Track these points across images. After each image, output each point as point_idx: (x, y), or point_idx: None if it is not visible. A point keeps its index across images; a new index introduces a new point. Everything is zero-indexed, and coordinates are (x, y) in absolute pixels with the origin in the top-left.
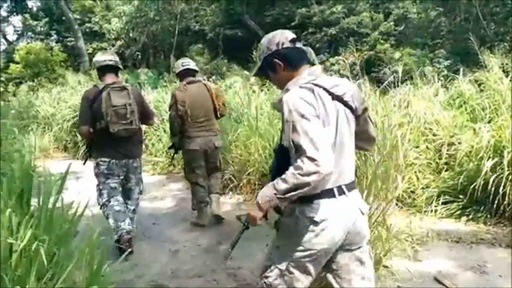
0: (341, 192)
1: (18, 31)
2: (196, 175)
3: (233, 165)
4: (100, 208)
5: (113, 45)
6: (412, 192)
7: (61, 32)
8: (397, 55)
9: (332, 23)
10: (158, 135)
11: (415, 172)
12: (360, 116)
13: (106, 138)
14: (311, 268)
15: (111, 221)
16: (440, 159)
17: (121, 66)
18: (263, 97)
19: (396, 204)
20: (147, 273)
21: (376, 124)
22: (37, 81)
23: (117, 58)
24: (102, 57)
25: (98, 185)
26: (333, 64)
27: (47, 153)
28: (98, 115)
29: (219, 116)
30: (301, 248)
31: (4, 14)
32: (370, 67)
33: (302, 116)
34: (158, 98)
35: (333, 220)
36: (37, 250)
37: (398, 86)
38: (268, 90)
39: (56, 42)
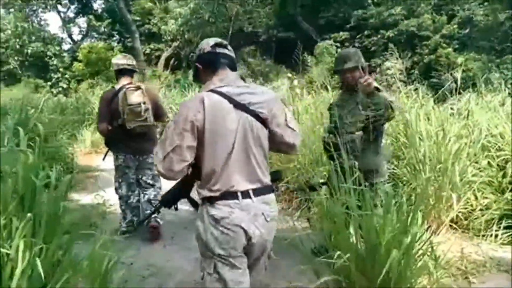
0: (246, 196)
1: (83, 31)
2: None
3: None
4: (119, 199)
5: (170, 46)
6: (469, 213)
7: (122, 33)
8: (460, 60)
9: (390, 25)
10: None
11: (474, 191)
12: (272, 124)
13: (122, 134)
14: (233, 262)
15: (127, 215)
16: (503, 177)
17: (136, 69)
18: (309, 99)
19: (450, 226)
20: (168, 282)
21: (304, 132)
22: (96, 79)
23: (133, 62)
24: (120, 61)
25: (117, 177)
26: (388, 68)
27: (98, 148)
28: (116, 114)
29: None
30: (211, 246)
31: (71, 15)
32: (429, 72)
33: (174, 122)
34: None
35: (234, 220)
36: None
37: (458, 93)
38: (315, 92)
39: (118, 43)
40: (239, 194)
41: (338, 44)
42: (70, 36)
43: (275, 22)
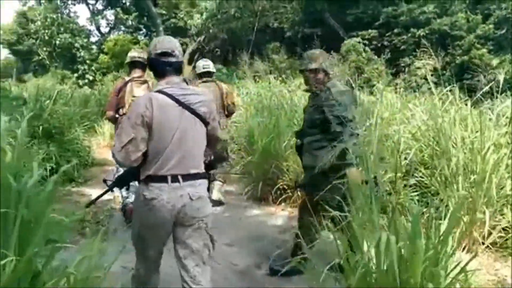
0: (175, 180)
1: (110, 24)
2: None
3: (288, 174)
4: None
5: (194, 41)
6: (505, 230)
7: (149, 27)
8: (495, 61)
9: (421, 23)
10: None
11: None
12: (210, 119)
13: None
14: (153, 238)
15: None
16: None
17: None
18: None
19: (482, 243)
20: None
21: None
22: (120, 72)
23: (145, 56)
24: (132, 54)
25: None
26: (419, 68)
27: None
28: (121, 103)
29: (227, 113)
30: (140, 222)
31: (100, 7)
32: (461, 74)
33: (128, 118)
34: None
35: (162, 200)
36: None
37: (496, 97)
38: None
39: (144, 36)
40: (169, 177)
41: (366, 42)
42: (98, 28)
43: (301, 18)
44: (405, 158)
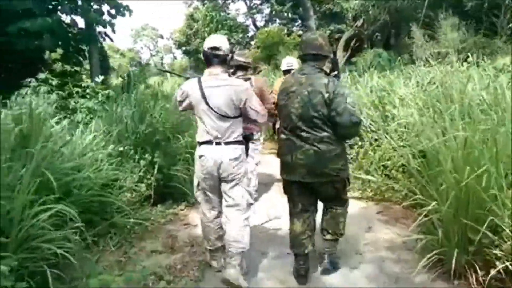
0: (218, 143)
1: (265, 17)
2: None
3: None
4: None
5: (351, 26)
6: None
7: (303, 17)
8: None
9: None
10: None
11: None
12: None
13: None
14: (205, 184)
15: None
16: None
17: (250, 66)
18: None
19: None
20: None
21: None
22: (271, 65)
23: (248, 60)
24: (237, 57)
25: None
26: None
27: None
28: None
29: None
30: (196, 172)
31: (257, 2)
32: None
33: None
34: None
35: (208, 157)
36: None
37: None
38: None
39: (301, 27)
40: (213, 141)
41: None
42: (254, 23)
43: None
44: None
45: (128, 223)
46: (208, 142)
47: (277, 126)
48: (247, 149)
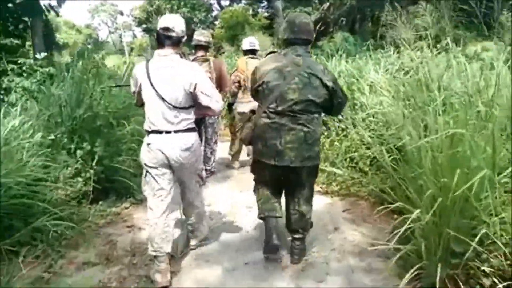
0: (168, 132)
1: None
2: None
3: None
4: None
5: (317, 10)
6: None
7: None
8: None
9: None
10: None
11: None
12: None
13: None
14: (153, 175)
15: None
16: None
17: (210, 45)
18: None
19: None
20: None
21: None
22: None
23: (208, 39)
24: (198, 37)
25: None
26: None
27: None
28: None
29: None
30: (144, 162)
31: None
32: None
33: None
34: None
35: (157, 145)
36: None
37: None
38: None
39: (266, 8)
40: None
41: None
42: (218, 2)
43: None
44: None
45: (58, 227)
46: (157, 132)
47: (238, 108)
48: (200, 134)
